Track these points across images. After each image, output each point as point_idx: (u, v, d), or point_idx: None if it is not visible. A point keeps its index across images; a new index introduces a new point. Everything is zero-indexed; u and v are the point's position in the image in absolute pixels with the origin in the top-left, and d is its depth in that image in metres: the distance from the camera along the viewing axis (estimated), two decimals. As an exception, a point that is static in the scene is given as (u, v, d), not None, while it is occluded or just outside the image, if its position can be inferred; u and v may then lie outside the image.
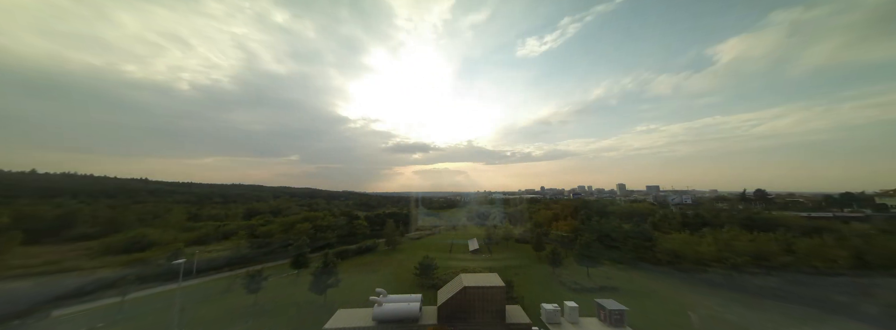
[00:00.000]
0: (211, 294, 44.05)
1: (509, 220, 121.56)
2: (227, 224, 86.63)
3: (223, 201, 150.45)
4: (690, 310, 35.90)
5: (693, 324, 32.42)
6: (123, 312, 36.95)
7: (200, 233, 76.40)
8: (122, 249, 57.92)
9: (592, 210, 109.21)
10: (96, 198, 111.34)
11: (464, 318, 24.84)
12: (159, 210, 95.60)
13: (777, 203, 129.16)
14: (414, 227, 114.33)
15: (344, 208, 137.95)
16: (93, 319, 34.68)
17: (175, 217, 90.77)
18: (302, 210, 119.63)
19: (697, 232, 58.95)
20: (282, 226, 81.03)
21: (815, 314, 35.27)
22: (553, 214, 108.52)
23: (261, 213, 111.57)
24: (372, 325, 24.44)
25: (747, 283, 43.20)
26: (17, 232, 53.92)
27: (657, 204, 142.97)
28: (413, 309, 24.92)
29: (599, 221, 76.25)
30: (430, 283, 44.70)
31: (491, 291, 25.44)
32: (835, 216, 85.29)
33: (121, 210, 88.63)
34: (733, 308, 37.18)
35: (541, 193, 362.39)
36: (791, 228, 56.27)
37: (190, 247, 62.03)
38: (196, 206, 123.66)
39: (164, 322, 32.64)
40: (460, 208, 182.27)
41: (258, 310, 37.08)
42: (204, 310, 37.36)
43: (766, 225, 60.22)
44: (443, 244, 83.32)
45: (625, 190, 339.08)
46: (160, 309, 37.41)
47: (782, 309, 36.95)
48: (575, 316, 25.86)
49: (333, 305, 34.69)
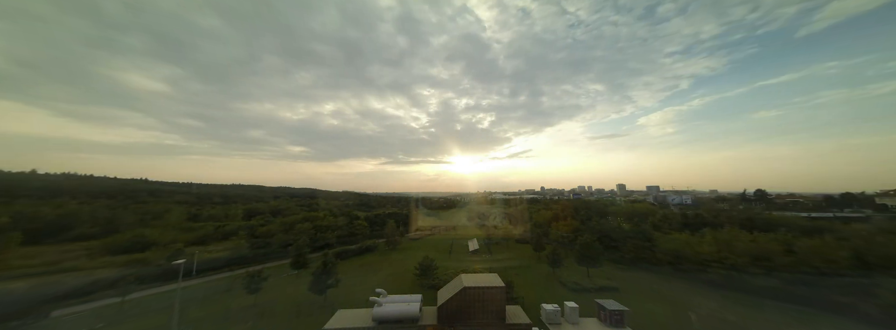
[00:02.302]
0: (210, 295, 44.03)
1: (509, 220, 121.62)
2: (226, 224, 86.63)
3: (223, 201, 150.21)
4: (690, 310, 35.88)
5: (693, 324, 32.40)
6: (123, 312, 36.94)
7: (200, 233, 76.42)
8: (122, 250, 57.95)
9: (592, 210, 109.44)
10: (96, 198, 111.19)
11: (464, 318, 24.81)
12: (159, 210, 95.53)
13: (777, 203, 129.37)
14: (414, 227, 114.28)
15: (344, 208, 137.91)
16: (93, 319, 34.67)
17: (175, 217, 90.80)
18: (302, 210, 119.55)
19: (698, 232, 58.95)
20: (282, 226, 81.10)
21: (816, 314, 35.27)
22: (553, 214, 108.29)
23: (261, 213, 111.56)
24: (372, 325, 24.43)
25: (747, 283, 43.16)
26: (17, 232, 54.01)
27: (657, 204, 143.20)
28: (413, 309, 24.91)
29: (599, 222, 76.21)
30: (430, 283, 44.68)
31: (491, 291, 25.43)
32: (835, 216, 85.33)
33: (121, 210, 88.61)
34: (733, 308, 37.17)
35: (541, 193, 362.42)
36: (791, 228, 56.31)
37: (190, 247, 62.04)
38: (196, 206, 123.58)
39: (163, 322, 32.61)
40: (460, 209, 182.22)
41: (258, 310, 37.03)
42: (204, 310, 37.34)
43: (766, 225, 60.29)
44: (443, 245, 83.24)
45: (625, 190, 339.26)
46: (160, 309, 37.40)
47: (782, 309, 36.94)
48: (575, 316, 25.84)
49: (333, 306, 34.69)
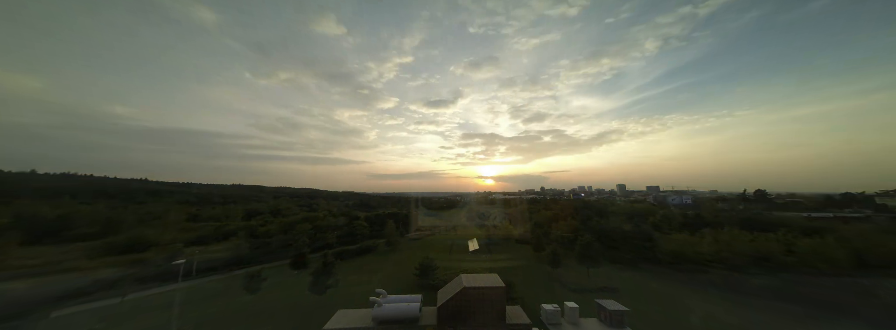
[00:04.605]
0: (210, 295, 44.03)
1: (509, 220, 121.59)
2: (226, 224, 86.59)
3: (223, 202, 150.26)
4: (691, 311, 35.88)
5: (693, 325, 32.40)
6: (123, 312, 36.92)
7: (200, 233, 76.37)
8: (121, 250, 57.86)
9: (593, 210, 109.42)
10: (96, 198, 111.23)
11: (464, 318, 24.81)
12: (159, 210, 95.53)
13: (777, 203, 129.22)
14: (414, 227, 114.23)
15: (344, 209, 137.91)
16: (92, 319, 34.66)
17: (174, 217, 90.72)
18: (301, 210, 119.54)
19: (698, 232, 58.95)
20: (281, 226, 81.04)
21: (816, 315, 35.26)
22: (553, 214, 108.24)
23: (260, 213, 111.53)
24: (371, 325, 24.40)
25: (747, 283, 43.18)
26: (16, 232, 53.95)
27: (657, 204, 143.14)
28: (413, 309, 24.86)
29: (600, 222, 76.21)
30: (430, 283, 44.64)
31: (491, 291, 25.36)
32: (835, 216, 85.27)
33: (121, 210, 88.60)
34: (733, 309, 37.17)
35: (541, 193, 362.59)
36: (791, 228, 56.29)
37: (189, 247, 61.99)
38: (196, 206, 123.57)
39: (163, 322, 32.60)
40: (460, 209, 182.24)
41: (258, 310, 37.03)
42: (203, 310, 37.33)
43: (766, 225, 60.23)
44: (443, 245, 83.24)
45: (625, 190, 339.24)
46: (160, 309, 37.38)
47: (782, 309, 36.92)
48: (575, 317, 25.79)
49: (333, 306, 34.65)
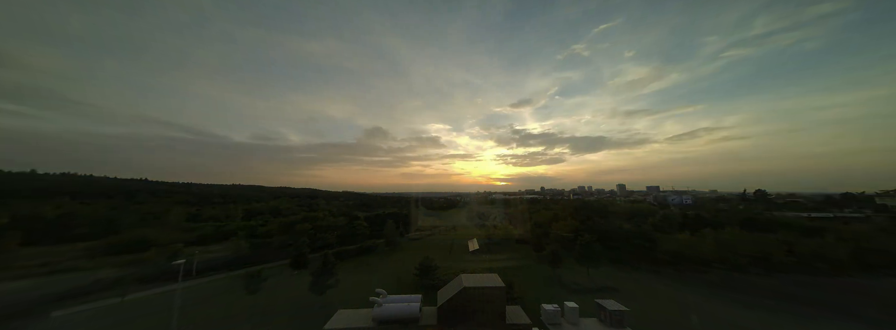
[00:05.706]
0: (210, 295, 44.01)
1: (509, 220, 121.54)
2: (226, 224, 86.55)
3: (223, 202, 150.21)
4: (691, 311, 35.85)
5: (693, 325, 32.37)
6: (123, 312, 36.90)
7: (200, 233, 76.34)
8: (121, 250, 57.82)
9: (593, 210, 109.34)
10: (96, 198, 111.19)
11: (464, 318, 24.79)
12: (159, 210, 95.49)
13: (777, 203, 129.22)
14: (414, 227, 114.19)
15: (344, 208, 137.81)
16: (92, 319, 34.64)
17: (174, 217, 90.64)
18: (301, 210, 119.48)
19: (698, 233, 58.90)
20: (281, 226, 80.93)
21: (816, 315, 35.23)
22: (553, 214, 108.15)
23: (260, 213, 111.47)
24: (372, 325, 24.39)
25: (748, 283, 43.17)
26: (17, 232, 53.93)
27: (657, 204, 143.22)
28: (413, 309, 24.86)
29: (600, 222, 76.19)
30: (430, 283, 44.58)
31: (491, 291, 25.38)
32: (835, 217, 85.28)
33: (121, 210, 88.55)
34: (733, 309, 37.14)
35: (541, 193, 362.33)
36: (791, 228, 56.29)
37: (189, 247, 61.97)
38: (196, 206, 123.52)
39: (163, 322, 32.58)
40: (460, 209, 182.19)
41: (258, 310, 37.01)
42: (203, 310, 37.30)
43: (766, 225, 60.25)
44: (443, 245, 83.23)
45: (625, 190, 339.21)
46: (160, 309, 37.35)
47: (782, 309, 36.90)
48: (575, 317, 25.78)
49: (333, 306, 34.66)
